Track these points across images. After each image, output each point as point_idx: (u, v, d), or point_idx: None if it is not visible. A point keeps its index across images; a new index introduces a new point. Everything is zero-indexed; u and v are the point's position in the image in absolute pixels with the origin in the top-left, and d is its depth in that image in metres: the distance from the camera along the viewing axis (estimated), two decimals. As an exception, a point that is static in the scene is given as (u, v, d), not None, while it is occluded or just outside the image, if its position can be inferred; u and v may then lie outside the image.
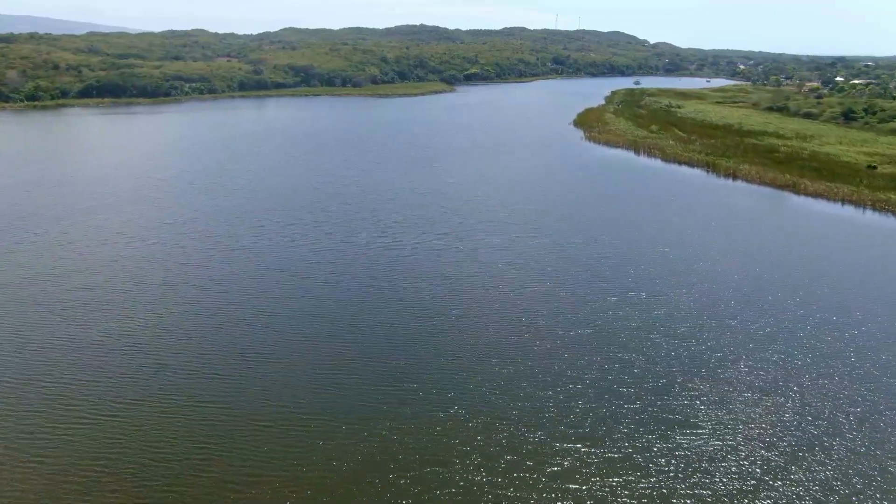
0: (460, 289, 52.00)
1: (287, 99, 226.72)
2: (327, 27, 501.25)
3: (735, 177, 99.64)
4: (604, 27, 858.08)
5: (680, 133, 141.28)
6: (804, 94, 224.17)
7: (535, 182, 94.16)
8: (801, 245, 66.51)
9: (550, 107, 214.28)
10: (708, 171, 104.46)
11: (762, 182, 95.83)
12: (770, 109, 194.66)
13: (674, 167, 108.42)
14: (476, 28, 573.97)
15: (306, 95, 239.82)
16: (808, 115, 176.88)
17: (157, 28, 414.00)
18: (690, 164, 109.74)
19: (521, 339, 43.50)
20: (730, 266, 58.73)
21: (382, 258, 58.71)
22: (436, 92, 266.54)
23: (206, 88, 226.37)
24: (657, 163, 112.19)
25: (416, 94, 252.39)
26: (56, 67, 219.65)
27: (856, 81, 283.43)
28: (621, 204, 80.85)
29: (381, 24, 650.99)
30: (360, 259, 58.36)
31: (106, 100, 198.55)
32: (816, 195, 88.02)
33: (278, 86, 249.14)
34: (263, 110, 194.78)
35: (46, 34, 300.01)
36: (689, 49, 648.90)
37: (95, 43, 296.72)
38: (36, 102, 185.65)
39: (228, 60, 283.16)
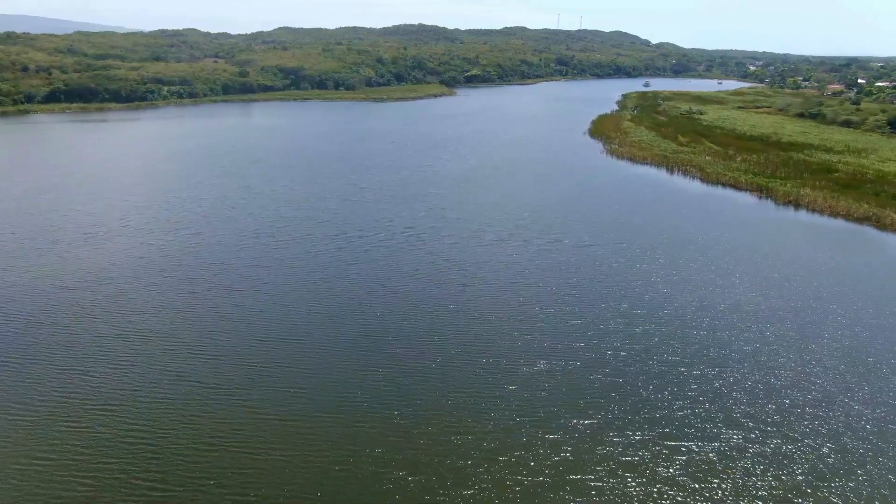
0: (463, 416, 34.53)
1: (273, 104, 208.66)
2: (324, 27, 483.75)
3: (797, 205, 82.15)
4: (605, 27, 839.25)
5: (713, 146, 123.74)
6: (839, 100, 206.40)
7: (557, 217, 76.38)
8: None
9: (560, 113, 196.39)
10: (760, 197, 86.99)
11: (833, 213, 78.26)
12: (802, 116, 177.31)
13: (718, 191, 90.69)
14: (476, 28, 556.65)
15: (295, 100, 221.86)
16: (847, 124, 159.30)
17: (155, 28, 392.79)
18: (736, 186, 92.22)
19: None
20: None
21: (356, 355, 41.15)
22: (434, 95, 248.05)
23: (185, 92, 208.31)
24: (697, 185, 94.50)
25: (413, 98, 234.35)
26: (25, 69, 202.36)
27: (881, 84, 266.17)
28: (674, 249, 63.28)
29: (378, 24, 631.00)
30: (322, 357, 40.80)
31: (74, 105, 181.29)
32: (909, 233, 70.66)
33: (265, 89, 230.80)
34: (243, 118, 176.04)
35: (24, 33, 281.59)
36: (693, 49, 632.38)
37: (76, 43, 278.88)
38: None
39: (215, 62, 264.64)
